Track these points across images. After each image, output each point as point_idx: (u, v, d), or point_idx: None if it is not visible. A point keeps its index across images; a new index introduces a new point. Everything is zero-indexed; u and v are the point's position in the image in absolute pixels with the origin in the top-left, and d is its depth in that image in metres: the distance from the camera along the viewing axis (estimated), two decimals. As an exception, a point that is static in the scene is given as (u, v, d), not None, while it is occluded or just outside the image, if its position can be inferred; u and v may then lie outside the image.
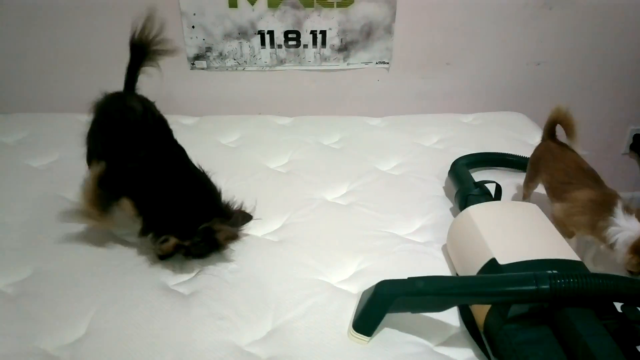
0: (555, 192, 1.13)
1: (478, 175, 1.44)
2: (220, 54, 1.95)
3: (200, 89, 2.00)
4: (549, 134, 1.23)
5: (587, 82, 2.15)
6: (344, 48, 1.99)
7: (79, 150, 1.56)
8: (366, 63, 2.02)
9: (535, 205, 1.09)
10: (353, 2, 1.90)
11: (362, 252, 1.15)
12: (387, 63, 2.02)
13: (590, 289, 0.74)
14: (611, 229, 0.96)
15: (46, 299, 1.00)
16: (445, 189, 1.42)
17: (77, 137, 1.66)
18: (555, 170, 1.14)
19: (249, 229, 1.21)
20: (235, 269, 1.09)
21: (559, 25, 2.00)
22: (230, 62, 1.98)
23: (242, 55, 1.97)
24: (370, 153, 1.62)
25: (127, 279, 1.05)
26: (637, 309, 0.78)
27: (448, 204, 1.35)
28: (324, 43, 1.97)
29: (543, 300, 0.77)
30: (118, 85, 1.93)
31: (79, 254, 1.12)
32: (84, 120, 1.79)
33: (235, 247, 1.14)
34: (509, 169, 1.51)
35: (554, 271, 0.79)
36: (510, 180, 1.44)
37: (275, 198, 1.36)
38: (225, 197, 1.14)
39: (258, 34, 1.93)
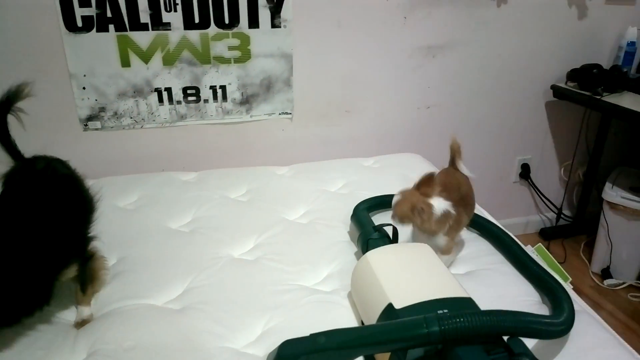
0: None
1: (380, 217, 1.49)
2: (115, 113, 1.89)
3: (96, 150, 1.91)
4: (451, 162, 1.39)
5: (475, 121, 2.36)
6: (246, 101, 2.01)
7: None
8: (269, 115, 2.06)
9: (427, 245, 1.13)
10: (250, 58, 1.94)
11: (269, 310, 1.12)
12: (290, 113, 2.07)
13: (477, 326, 0.77)
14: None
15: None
16: (350, 233, 1.44)
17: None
18: (439, 182, 1.29)
19: (152, 299, 1.15)
20: (130, 346, 1.01)
21: (444, 71, 2.19)
22: (127, 121, 1.92)
23: (139, 113, 1.92)
24: (278, 203, 1.62)
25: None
26: (521, 341, 0.82)
27: (353, 249, 1.37)
28: (224, 97, 1.98)
29: (434, 342, 0.79)
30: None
31: None
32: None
33: (130, 322, 1.06)
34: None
35: (445, 311, 0.82)
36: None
37: (177, 261, 1.30)
38: None
39: (155, 91, 1.90)
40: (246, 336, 1.06)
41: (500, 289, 1.18)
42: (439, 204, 1.17)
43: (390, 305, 0.92)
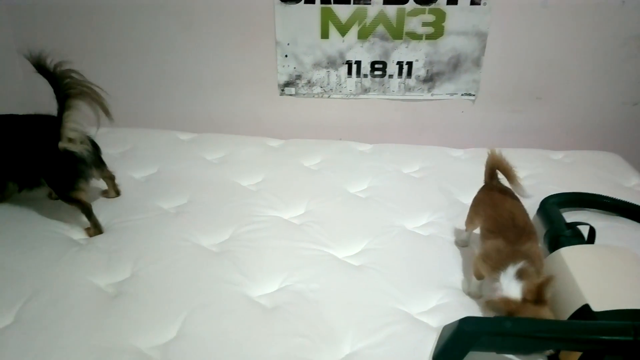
0: (482, 238, 1.14)
1: (568, 217, 1.38)
2: (309, 81, 2.04)
3: (287, 114, 2.10)
4: (489, 178, 1.23)
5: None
6: (430, 79, 2.00)
7: (177, 164, 1.71)
8: (451, 94, 2.02)
9: (632, 250, 1.02)
10: (442, 35, 1.92)
11: (444, 287, 1.14)
12: (473, 95, 2.00)
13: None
14: (494, 284, 0.96)
15: (142, 300, 1.08)
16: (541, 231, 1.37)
17: (175, 152, 1.82)
18: (488, 217, 1.15)
19: (332, 249, 1.26)
20: (316, 288, 1.12)
21: (662, 66, 1.88)
22: (317, 90, 2.06)
23: (328, 84, 2.04)
24: (452, 184, 1.60)
25: (215, 287, 1.12)
26: None
27: (535, 244, 1.30)
28: (409, 74, 2.00)
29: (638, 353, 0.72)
30: (217, 109, 2.09)
31: (175, 260, 1.21)
32: (182, 137, 1.95)
33: (316, 267, 1.18)
34: (602, 211, 1.43)
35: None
36: (604, 224, 1.35)
37: (355, 222, 1.39)
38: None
39: (346, 63, 2.00)
40: (420, 304, 1.09)
41: None
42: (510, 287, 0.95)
43: (586, 307, 0.86)
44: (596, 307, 0.85)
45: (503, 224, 1.07)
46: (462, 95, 2.01)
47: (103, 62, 2.01)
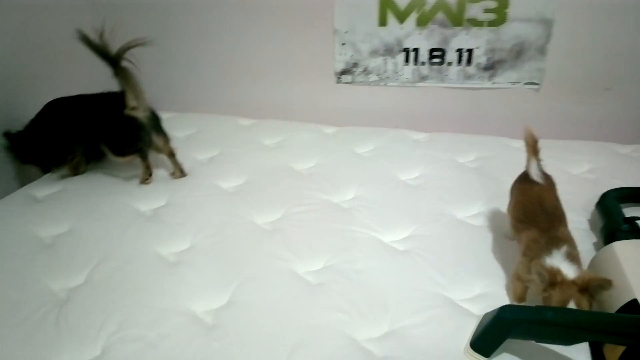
0: (513, 230, 1.12)
1: (632, 212, 1.31)
2: (365, 69, 2.06)
3: (343, 101, 2.13)
4: (532, 154, 1.17)
5: None
6: (491, 67, 1.95)
7: (237, 148, 1.80)
8: (513, 83, 1.96)
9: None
10: (505, 21, 1.86)
11: (490, 275, 1.13)
12: (537, 84, 1.93)
13: None
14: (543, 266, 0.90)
15: (198, 269, 1.17)
16: (591, 222, 1.32)
17: (236, 137, 1.92)
18: (516, 204, 1.11)
19: (379, 233, 1.29)
20: (360, 269, 1.16)
21: None
22: (373, 78, 2.07)
23: (385, 71, 2.05)
24: (508, 175, 1.55)
25: (265, 261, 1.19)
26: None
27: (592, 238, 1.25)
28: (469, 61, 1.96)
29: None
30: (276, 96, 2.16)
31: (230, 235, 1.29)
32: (242, 123, 2.05)
33: (360, 250, 1.21)
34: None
35: None
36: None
37: (403, 208, 1.40)
38: None
39: (403, 51, 1.99)
40: (464, 291, 1.10)
41: None
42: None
43: (635, 301, 0.83)
44: (646, 302, 0.82)
45: (532, 211, 1.06)
46: (525, 84, 1.95)
47: (174, 52, 2.14)
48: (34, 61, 1.77)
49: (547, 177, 1.17)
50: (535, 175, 1.14)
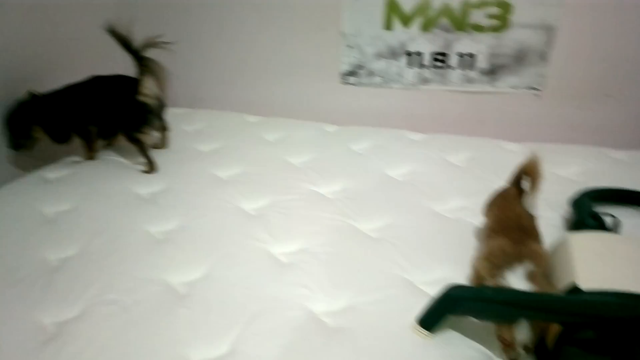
0: (484, 236, 1.14)
1: (614, 213, 1.31)
2: (370, 71, 2.12)
3: (347, 102, 2.20)
4: (515, 181, 1.19)
5: None
6: (492, 71, 1.98)
7: (239, 142, 1.89)
8: (514, 88, 1.98)
9: (652, 242, 0.97)
10: (508, 27, 1.89)
11: (453, 262, 1.16)
12: (538, 89, 1.94)
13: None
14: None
15: (180, 245, 1.26)
16: (568, 220, 1.32)
17: (240, 132, 2.01)
18: (495, 216, 1.12)
19: (356, 221, 1.34)
20: (331, 251, 1.21)
21: None
22: (377, 80, 2.13)
23: (389, 74, 2.11)
24: (495, 175, 1.57)
25: (244, 242, 1.26)
26: None
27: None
28: (471, 66, 1.99)
29: (612, 327, 0.72)
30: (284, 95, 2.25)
31: (216, 217, 1.37)
32: (249, 119, 2.14)
33: (333, 235, 1.27)
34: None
35: None
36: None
37: (384, 200, 1.45)
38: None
39: (407, 54, 2.05)
40: (424, 275, 1.13)
41: None
42: None
43: (575, 284, 0.85)
44: (584, 285, 0.84)
45: (508, 225, 1.06)
46: (526, 89, 1.96)
47: (186, 49, 2.26)
48: (56, 55, 1.92)
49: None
50: (531, 206, 1.14)
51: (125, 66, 1.61)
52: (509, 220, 1.08)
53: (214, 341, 0.96)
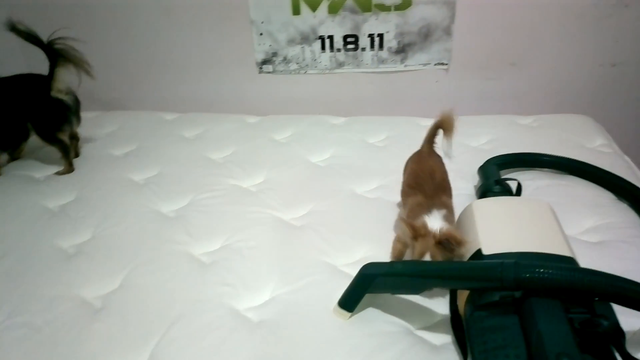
0: (403, 195, 1.22)
1: (518, 177, 1.40)
2: (285, 58, 2.11)
3: (266, 91, 2.17)
4: (429, 139, 1.25)
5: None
6: (402, 50, 2.02)
7: (155, 142, 1.82)
8: (424, 65, 2.03)
9: (547, 202, 1.04)
10: (411, 5, 1.93)
11: (373, 242, 1.19)
12: (446, 64, 2.01)
13: (556, 279, 0.72)
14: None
15: (94, 258, 1.20)
16: (476, 187, 1.39)
17: (157, 131, 1.93)
18: (410, 173, 1.20)
19: (280, 212, 1.33)
20: (253, 246, 1.20)
21: (638, 24, 1.83)
22: (293, 66, 2.12)
23: (304, 59, 2.10)
24: (412, 151, 1.63)
25: (162, 246, 1.22)
26: (610, 306, 0.73)
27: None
28: (381, 46, 2.03)
29: (507, 288, 0.76)
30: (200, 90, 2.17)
31: (131, 224, 1.32)
32: (166, 117, 2.06)
33: (256, 228, 1.26)
34: (551, 170, 1.44)
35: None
36: (549, 182, 1.37)
37: (308, 188, 1.45)
38: None
39: (319, 39, 2.05)
40: (346, 257, 1.15)
41: (632, 263, 1.02)
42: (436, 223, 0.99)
43: (479, 251, 0.90)
44: (487, 251, 0.89)
45: (423, 179, 1.11)
46: (435, 65, 2.03)
47: (93, 49, 2.13)
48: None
49: (439, 156, 1.24)
50: (447, 152, 1.21)
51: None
52: (423, 173, 1.15)
53: (132, 352, 0.92)
